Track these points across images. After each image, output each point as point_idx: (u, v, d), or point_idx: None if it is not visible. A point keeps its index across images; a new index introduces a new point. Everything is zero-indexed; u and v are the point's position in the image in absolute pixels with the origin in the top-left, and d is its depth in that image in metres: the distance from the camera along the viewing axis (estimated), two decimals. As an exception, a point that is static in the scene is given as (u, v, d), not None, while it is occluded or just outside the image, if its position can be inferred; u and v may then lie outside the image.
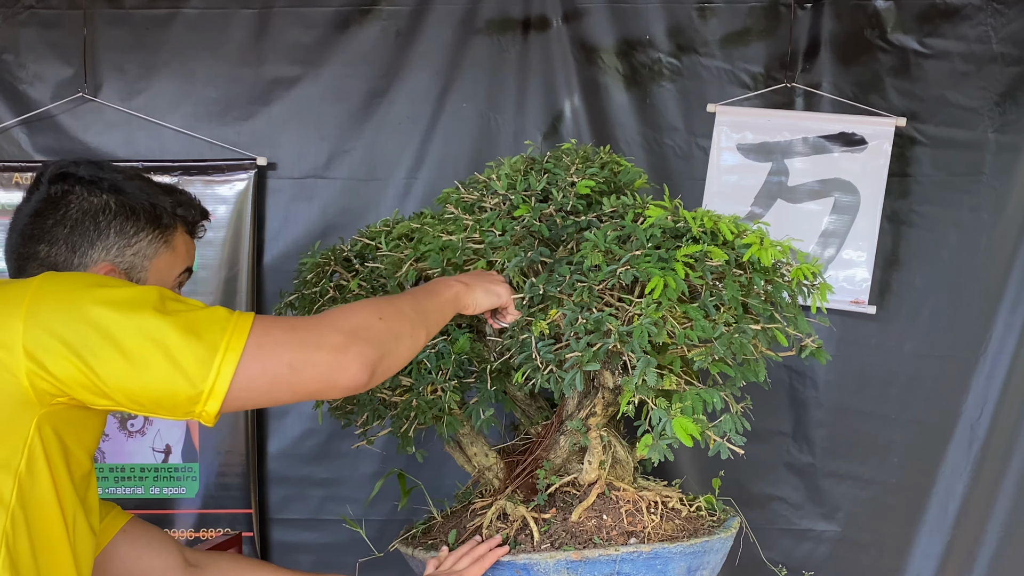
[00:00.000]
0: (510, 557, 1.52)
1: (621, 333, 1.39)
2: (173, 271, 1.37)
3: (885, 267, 2.49)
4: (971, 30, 2.45)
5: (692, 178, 2.53)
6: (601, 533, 1.54)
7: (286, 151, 2.58)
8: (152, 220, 1.33)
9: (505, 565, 1.51)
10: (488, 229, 1.63)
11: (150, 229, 1.32)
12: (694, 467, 2.47)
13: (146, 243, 1.32)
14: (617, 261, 1.46)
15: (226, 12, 2.56)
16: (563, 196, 1.64)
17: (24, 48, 2.55)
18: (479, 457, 1.71)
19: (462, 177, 2.52)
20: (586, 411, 1.63)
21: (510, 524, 1.59)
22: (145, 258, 1.32)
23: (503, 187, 1.67)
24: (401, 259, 1.64)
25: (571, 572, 1.48)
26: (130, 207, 1.31)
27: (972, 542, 2.46)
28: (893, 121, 2.44)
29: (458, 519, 1.71)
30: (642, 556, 1.48)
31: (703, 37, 2.54)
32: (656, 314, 1.40)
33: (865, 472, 2.53)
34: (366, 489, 2.61)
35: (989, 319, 2.44)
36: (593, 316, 1.42)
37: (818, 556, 2.56)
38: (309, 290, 1.76)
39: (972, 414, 2.45)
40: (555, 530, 1.56)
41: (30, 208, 1.30)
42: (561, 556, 1.48)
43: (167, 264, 1.35)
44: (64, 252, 1.27)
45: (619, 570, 1.48)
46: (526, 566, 1.50)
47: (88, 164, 1.32)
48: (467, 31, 2.55)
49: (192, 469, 2.56)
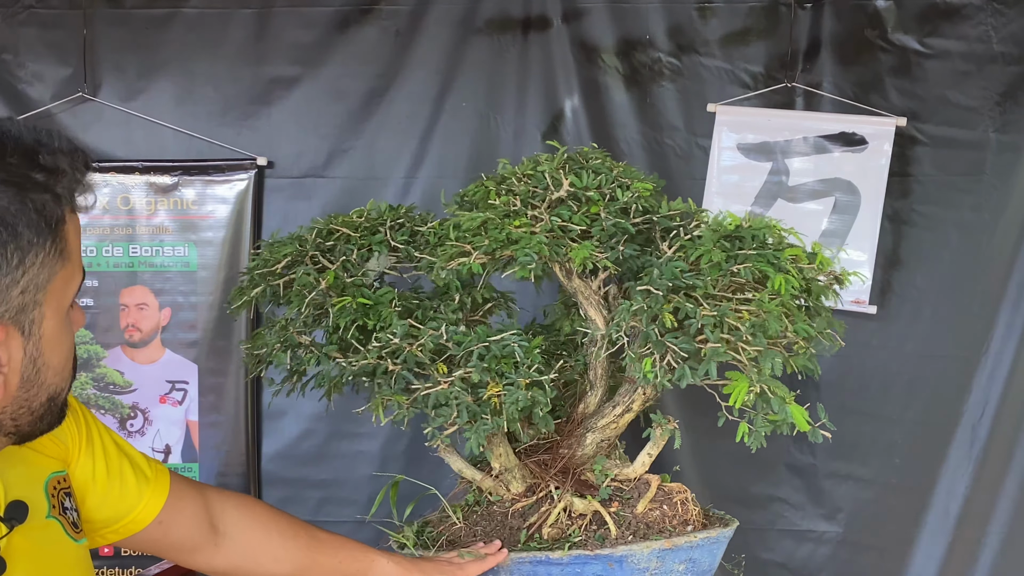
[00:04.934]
0: (604, 550, 1.53)
1: (750, 326, 1.47)
2: (71, 288, 0.92)
3: (886, 267, 2.49)
4: (971, 30, 2.45)
5: (692, 178, 2.53)
6: (667, 523, 1.61)
7: (286, 151, 2.58)
8: (38, 231, 0.84)
9: (598, 558, 1.52)
10: (569, 223, 1.60)
11: (39, 245, 0.84)
12: (694, 467, 2.46)
13: (37, 268, 0.85)
14: (733, 260, 1.55)
15: (226, 12, 2.56)
16: (631, 195, 1.65)
17: (24, 48, 2.55)
18: (504, 458, 1.67)
19: (462, 177, 2.54)
20: (623, 407, 1.66)
21: (575, 520, 1.59)
22: (38, 290, 0.86)
23: (578, 183, 1.66)
24: (467, 249, 1.57)
25: (660, 560, 1.54)
26: (3, 223, 0.81)
27: (974, 543, 2.45)
28: (894, 121, 2.43)
29: (494, 521, 1.67)
30: (708, 541, 1.58)
31: (703, 37, 2.53)
32: (779, 310, 1.49)
33: (866, 473, 2.52)
34: (364, 491, 2.61)
35: (990, 319, 2.43)
36: (720, 309, 1.48)
37: (819, 557, 2.56)
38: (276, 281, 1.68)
39: (973, 414, 2.44)
40: (628, 522, 1.60)
41: None
42: (656, 545, 1.53)
43: (65, 281, 0.90)
44: None
45: (692, 556, 1.57)
46: (623, 557, 1.53)
47: None
48: (467, 31, 2.55)
49: (192, 469, 2.56)
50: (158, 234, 2.56)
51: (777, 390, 1.48)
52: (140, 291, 2.56)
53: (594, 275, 1.67)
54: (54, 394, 0.94)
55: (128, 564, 2.50)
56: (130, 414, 2.57)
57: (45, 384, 0.92)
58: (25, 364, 0.88)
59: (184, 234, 2.56)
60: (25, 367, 0.88)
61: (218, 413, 2.56)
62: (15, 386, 0.88)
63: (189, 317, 2.56)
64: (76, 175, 0.88)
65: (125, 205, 2.56)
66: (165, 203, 2.56)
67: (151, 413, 2.57)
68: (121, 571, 2.51)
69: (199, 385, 2.56)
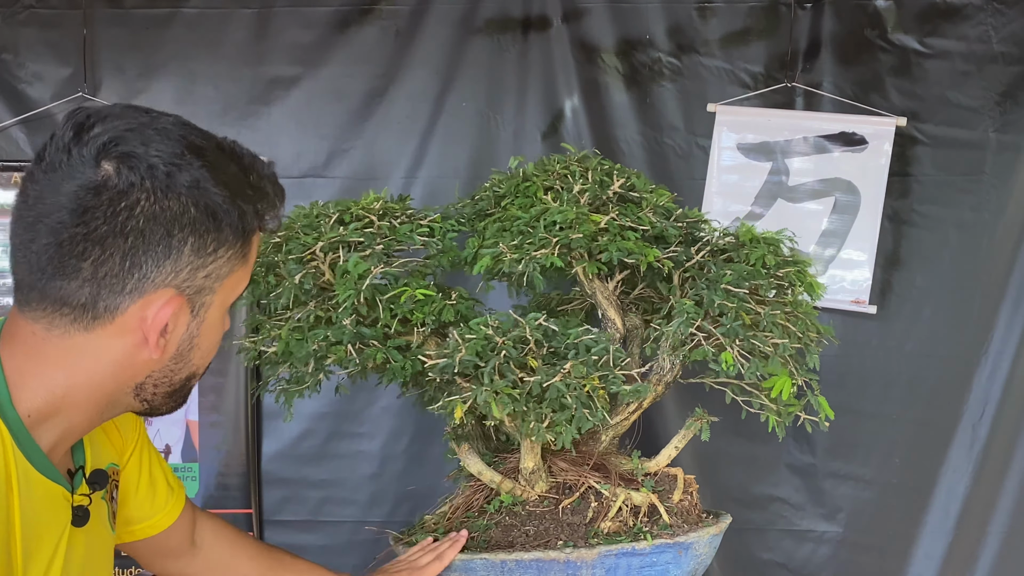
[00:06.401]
0: (679, 538, 1.59)
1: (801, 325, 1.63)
2: (239, 289, 1.05)
3: (886, 267, 2.49)
4: (972, 30, 2.45)
5: (692, 178, 2.53)
6: (693, 511, 1.70)
7: (285, 150, 2.58)
8: (235, 230, 0.98)
9: (667, 547, 1.58)
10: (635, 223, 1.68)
11: (231, 243, 0.99)
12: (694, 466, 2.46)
13: (224, 260, 0.99)
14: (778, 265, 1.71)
15: (226, 12, 2.56)
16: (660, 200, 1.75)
17: (23, 48, 2.55)
18: (537, 458, 1.67)
19: (462, 177, 2.54)
20: (635, 404, 1.71)
21: (632, 512, 1.64)
22: (217, 280, 1.00)
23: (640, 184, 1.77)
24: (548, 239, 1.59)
25: (710, 546, 1.65)
26: (213, 214, 0.95)
27: (974, 543, 2.46)
28: (894, 121, 2.43)
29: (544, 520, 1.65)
30: (727, 527, 1.71)
31: (703, 37, 2.53)
32: (815, 312, 1.70)
33: (866, 473, 2.52)
34: (365, 491, 2.61)
35: (991, 319, 2.43)
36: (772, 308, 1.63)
37: (819, 557, 2.56)
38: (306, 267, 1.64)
39: (974, 414, 2.44)
40: (674, 512, 1.67)
41: (70, 197, 0.90)
42: (713, 531, 1.64)
43: (236, 283, 1.04)
44: (118, 272, 0.92)
45: (716, 543, 1.68)
46: (690, 544, 1.60)
47: (158, 137, 0.92)
48: (467, 31, 2.55)
49: (192, 469, 2.56)
50: (158, 234, 2.56)
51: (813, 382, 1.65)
52: (140, 291, 2.56)
53: (610, 277, 1.73)
54: (192, 374, 1.06)
55: (128, 564, 2.50)
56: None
57: (191, 363, 1.04)
58: (183, 339, 1.00)
59: (184, 234, 2.56)
60: (182, 341, 1.01)
61: (218, 413, 2.56)
62: (170, 355, 1.01)
63: (189, 317, 2.56)
64: (276, 200, 1.04)
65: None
66: (165, 203, 2.56)
67: (151, 413, 2.57)
68: (121, 571, 2.51)
69: (199, 385, 2.54)
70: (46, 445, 0.97)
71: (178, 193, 0.92)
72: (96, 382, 0.97)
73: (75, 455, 1.07)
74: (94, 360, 0.96)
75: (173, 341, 0.99)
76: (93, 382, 0.97)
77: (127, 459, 1.24)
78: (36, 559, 0.95)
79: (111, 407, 1.02)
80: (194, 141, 0.94)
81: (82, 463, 1.07)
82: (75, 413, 0.98)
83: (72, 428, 1.00)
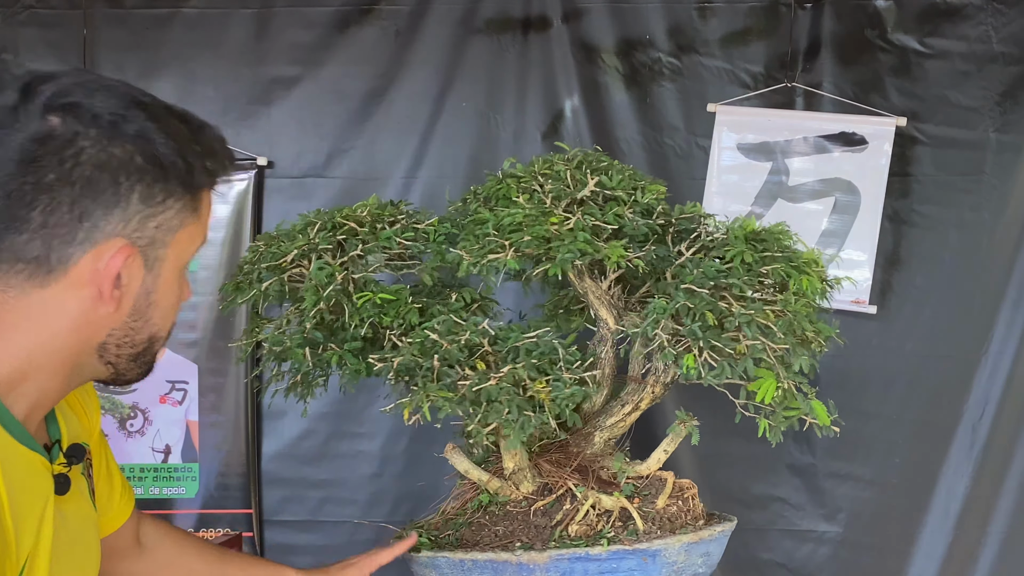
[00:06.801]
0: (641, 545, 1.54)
1: (783, 324, 1.52)
2: (194, 245, 1.06)
3: (886, 267, 2.49)
4: (971, 30, 2.45)
5: (692, 178, 2.53)
6: (682, 517, 1.64)
7: (286, 151, 2.58)
8: (183, 182, 1.00)
9: (635, 553, 1.54)
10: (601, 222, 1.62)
11: (180, 194, 1.00)
12: (694, 466, 2.46)
13: (174, 212, 1.00)
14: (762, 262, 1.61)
15: (226, 12, 2.56)
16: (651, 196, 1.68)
17: (23, 48, 2.55)
18: (519, 458, 1.67)
19: (461, 177, 2.54)
20: (631, 405, 1.68)
21: (602, 517, 1.60)
22: (169, 231, 1.00)
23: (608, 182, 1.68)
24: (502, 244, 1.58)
25: (687, 553, 1.57)
26: (160, 163, 0.97)
27: (974, 543, 2.46)
28: (894, 121, 2.43)
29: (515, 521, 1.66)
30: (723, 535, 1.63)
31: (703, 37, 2.53)
32: (806, 309, 1.57)
33: (866, 473, 2.52)
34: (365, 490, 2.61)
35: (991, 319, 2.43)
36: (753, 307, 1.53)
37: (819, 557, 2.56)
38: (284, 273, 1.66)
39: (974, 414, 2.44)
40: (652, 518, 1.62)
41: (16, 149, 0.92)
42: (685, 539, 1.56)
43: (190, 237, 1.04)
44: (68, 221, 0.93)
45: (708, 550, 1.60)
46: (657, 552, 1.54)
47: (103, 91, 0.96)
48: (467, 31, 2.55)
49: (192, 469, 2.56)
50: (158, 234, 2.56)
51: (803, 386, 1.55)
52: (140, 291, 2.56)
53: (603, 276, 1.69)
54: (154, 336, 1.06)
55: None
56: (130, 414, 2.57)
57: (151, 321, 1.04)
58: (139, 294, 1.01)
59: (184, 234, 2.56)
60: (139, 297, 1.01)
61: (218, 413, 2.56)
62: (127, 310, 1.01)
63: (189, 317, 2.56)
64: (224, 161, 1.05)
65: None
66: (165, 203, 2.56)
67: (151, 413, 2.57)
68: (121, 571, 2.51)
69: (199, 385, 2.56)
70: (20, 414, 0.98)
71: (123, 141, 0.95)
72: (59, 343, 0.98)
73: (50, 429, 1.08)
74: (54, 318, 0.96)
75: (129, 295, 0.99)
76: (56, 343, 0.98)
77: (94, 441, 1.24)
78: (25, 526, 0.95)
79: (78, 371, 1.02)
80: (140, 98, 0.97)
81: (58, 437, 1.07)
82: (43, 378, 0.99)
83: (43, 395, 1.00)
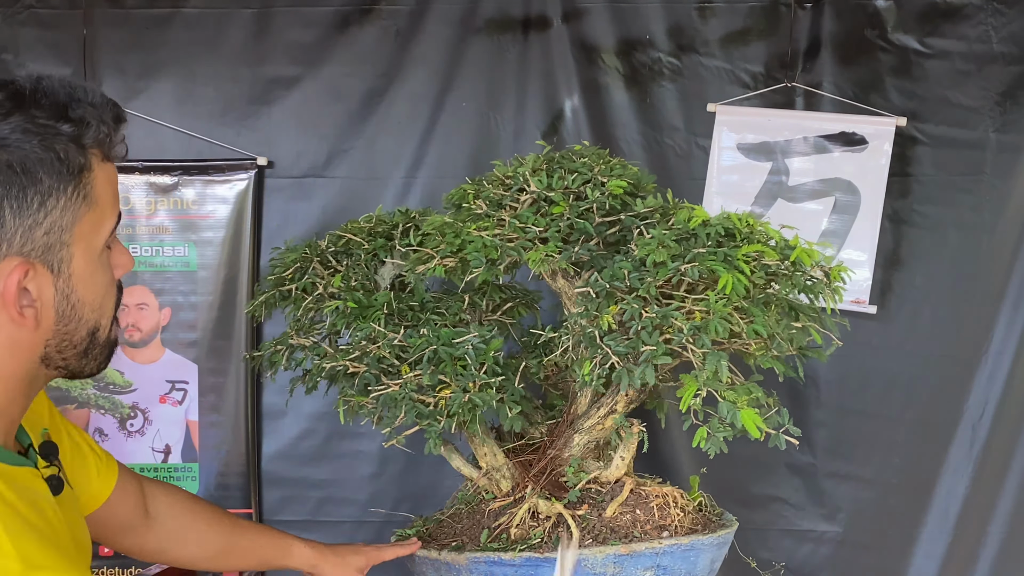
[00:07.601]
0: (547, 553, 1.52)
1: (691, 328, 1.42)
2: (102, 231, 0.98)
3: (886, 267, 2.49)
4: (971, 30, 2.45)
5: (692, 178, 2.53)
6: (637, 528, 1.57)
7: (285, 151, 2.58)
8: (59, 176, 0.91)
9: (549, 561, 1.50)
10: (528, 225, 1.62)
11: (59, 190, 0.92)
12: (694, 467, 2.46)
13: (60, 211, 0.92)
14: (681, 259, 1.49)
15: (226, 12, 2.56)
16: (600, 195, 1.65)
17: (23, 48, 2.55)
18: (489, 458, 1.68)
19: (461, 177, 2.52)
20: (607, 408, 1.66)
21: (541, 522, 1.59)
22: (63, 231, 0.93)
23: (541, 184, 1.65)
24: (430, 254, 1.62)
25: (617, 566, 1.50)
26: (23, 169, 0.89)
27: (974, 543, 2.46)
28: (894, 121, 2.43)
29: (475, 519, 1.69)
30: (680, 548, 1.53)
31: (703, 37, 2.53)
32: (725, 309, 1.43)
33: (866, 473, 2.52)
34: (364, 490, 2.61)
35: (991, 319, 2.43)
36: (661, 311, 1.45)
37: (819, 557, 2.56)
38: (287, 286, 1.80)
39: (974, 414, 2.45)
40: (593, 526, 1.58)
41: None
42: (611, 551, 1.50)
43: (93, 225, 0.96)
44: None
45: (659, 563, 1.52)
46: (579, 561, 1.51)
47: None
48: (467, 31, 2.55)
49: (192, 469, 2.56)
50: (158, 234, 2.56)
51: (727, 394, 1.43)
52: (140, 291, 2.56)
53: (578, 276, 1.67)
54: (93, 328, 1.01)
55: (128, 564, 2.50)
56: (130, 414, 2.57)
57: (83, 319, 0.99)
58: (59, 300, 0.96)
59: (184, 234, 2.56)
60: (59, 303, 0.96)
61: (218, 413, 2.56)
62: (51, 320, 0.96)
63: (189, 317, 2.56)
64: (103, 128, 0.96)
65: (125, 205, 2.55)
66: (165, 203, 2.56)
67: (151, 413, 2.57)
68: (121, 571, 2.51)
69: (199, 385, 2.56)
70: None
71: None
72: (5, 371, 0.96)
73: (19, 437, 1.07)
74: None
75: (46, 306, 0.95)
76: (2, 371, 0.96)
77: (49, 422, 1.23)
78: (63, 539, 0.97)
79: (34, 384, 1.01)
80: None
81: (28, 441, 1.07)
82: (3, 403, 0.98)
83: (9, 420, 1.00)
